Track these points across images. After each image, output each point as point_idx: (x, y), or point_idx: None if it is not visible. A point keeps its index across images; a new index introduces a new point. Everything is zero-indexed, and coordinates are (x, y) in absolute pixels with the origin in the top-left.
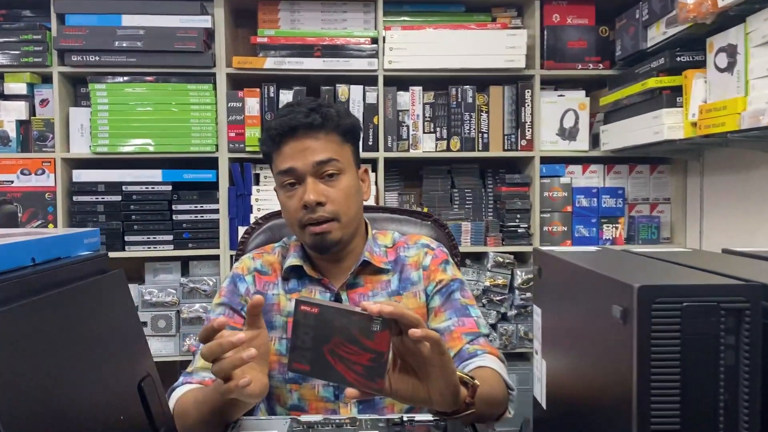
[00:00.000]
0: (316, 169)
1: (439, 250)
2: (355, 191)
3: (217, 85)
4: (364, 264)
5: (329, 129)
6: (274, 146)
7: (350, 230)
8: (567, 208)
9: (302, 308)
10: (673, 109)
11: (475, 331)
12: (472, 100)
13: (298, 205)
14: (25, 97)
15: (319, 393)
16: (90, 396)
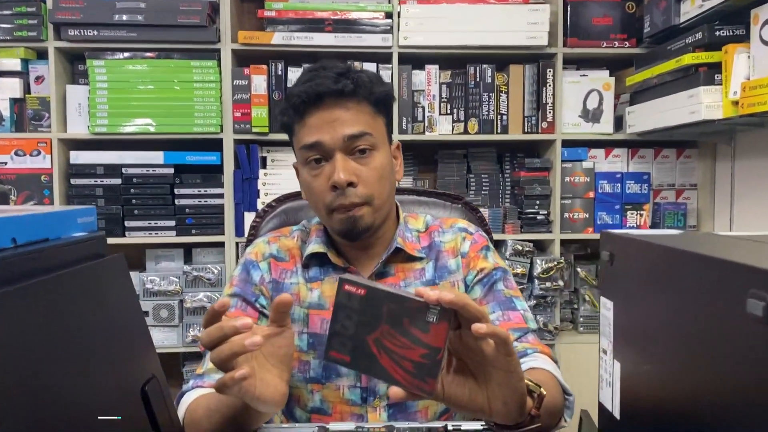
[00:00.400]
0: (347, 144)
1: (478, 234)
2: (388, 170)
3: (222, 62)
4: (396, 251)
5: (361, 97)
6: (296, 116)
7: (382, 214)
8: (589, 194)
9: (346, 288)
10: (712, 86)
11: (523, 327)
12: (491, 79)
13: (326, 186)
14: (19, 74)
15: (345, 395)
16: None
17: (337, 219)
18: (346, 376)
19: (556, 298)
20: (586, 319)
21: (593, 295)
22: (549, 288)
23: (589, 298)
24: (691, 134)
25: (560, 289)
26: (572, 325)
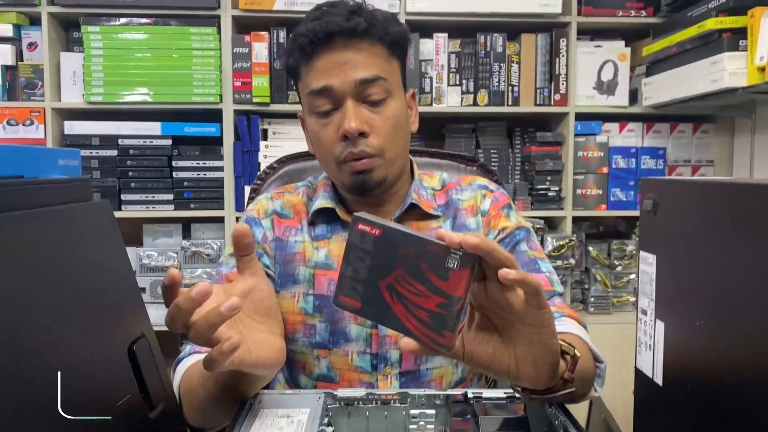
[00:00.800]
0: (359, 90)
1: (500, 192)
2: (403, 120)
3: (222, 29)
4: (410, 208)
5: (375, 38)
6: (303, 58)
7: (396, 168)
8: (603, 169)
9: (360, 227)
10: (736, 53)
11: (549, 290)
12: (502, 49)
13: (335, 136)
14: (11, 40)
15: (353, 362)
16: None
17: (347, 172)
18: (355, 341)
19: (567, 278)
20: (598, 299)
21: (605, 275)
22: (559, 267)
23: (601, 278)
24: (709, 107)
25: (571, 268)
26: (583, 305)
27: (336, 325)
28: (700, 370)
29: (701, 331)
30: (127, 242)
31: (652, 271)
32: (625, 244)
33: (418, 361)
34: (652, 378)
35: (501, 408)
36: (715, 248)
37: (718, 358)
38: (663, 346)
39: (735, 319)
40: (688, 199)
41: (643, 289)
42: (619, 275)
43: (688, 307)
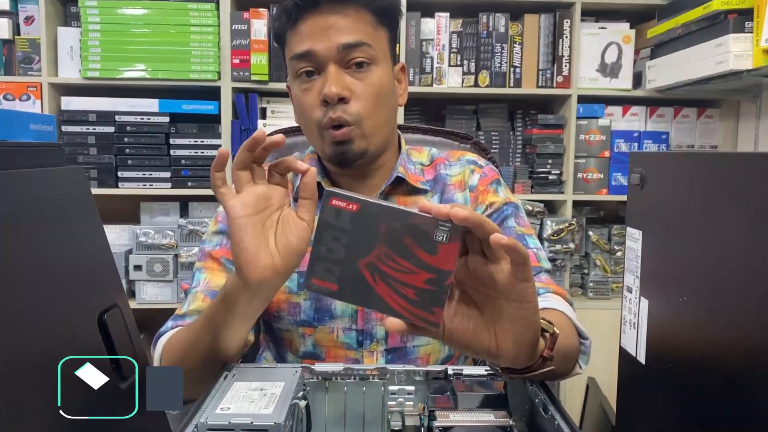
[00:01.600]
0: (342, 55)
1: (489, 168)
2: (388, 90)
3: (221, 5)
4: (397, 182)
5: (361, 3)
6: (289, 23)
7: (378, 139)
8: (604, 153)
9: (334, 203)
10: (741, 34)
11: (536, 266)
12: (505, 29)
13: (316, 101)
14: (7, 14)
15: (339, 338)
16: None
17: (328, 140)
18: (340, 318)
19: (566, 262)
20: (597, 284)
21: (605, 260)
22: (559, 251)
23: (601, 263)
24: (714, 91)
25: (570, 253)
26: (582, 290)
27: (321, 302)
28: (682, 348)
29: (684, 307)
30: (125, 220)
31: (638, 247)
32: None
33: (404, 338)
34: (635, 356)
35: (481, 385)
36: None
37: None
38: (647, 323)
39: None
40: (675, 172)
41: (629, 266)
42: (619, 260)
43: (671, 283)
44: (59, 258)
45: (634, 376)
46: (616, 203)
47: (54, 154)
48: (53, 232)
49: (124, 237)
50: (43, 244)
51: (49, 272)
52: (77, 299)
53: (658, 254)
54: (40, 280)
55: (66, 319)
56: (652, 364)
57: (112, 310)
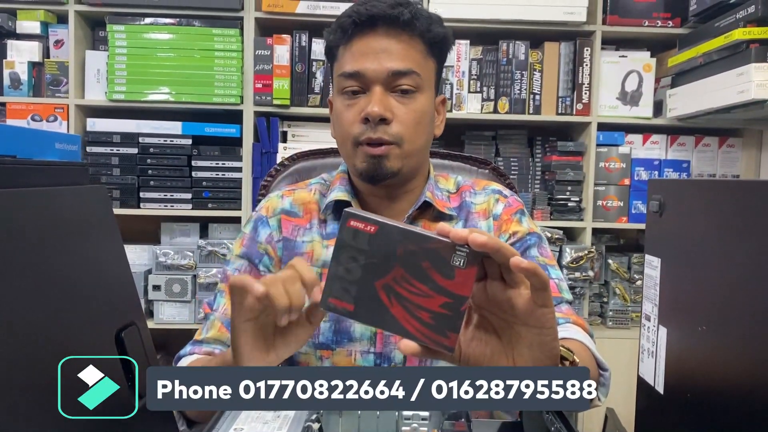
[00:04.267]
0: (390, 80)
1: (513, 198)
2: (428, 118)
3: (245, 31)
4: (424, 207)
5: (416, 32)
6: (342, 38)
7: (412, 163)
8: (624, 181)
9: (352, 224)
10: (764, 64)
11: (556, 296)
12: (525, 57)
13: (357, 118)
14: (38, 38)
15: (357, 361)
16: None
17: (362, 154)
18: (358, 341)
19: (585, 290)
20: (616, 313)
21: (624, 289)
22: (578, 278)
23: (620, 291)
24: (735, 120)
25: (590, 281)
26: (601, 319)
27: (340, 324)
28: (702, 379)
29: (703, 337)
30: (145, 240)
31: (657, 275)
32: None
33: (423, 362)
34: (654, 386)
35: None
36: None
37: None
38: (665, 352)
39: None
40: (695, 200)
41: (647, 294)
42: (639, 289)
43: (691, 312)
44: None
45: (652, 406)
46: (636, 231)
47: (78, 173)
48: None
49: (144, 257)
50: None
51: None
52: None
53: (677, 282)
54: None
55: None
56: (671, 394)
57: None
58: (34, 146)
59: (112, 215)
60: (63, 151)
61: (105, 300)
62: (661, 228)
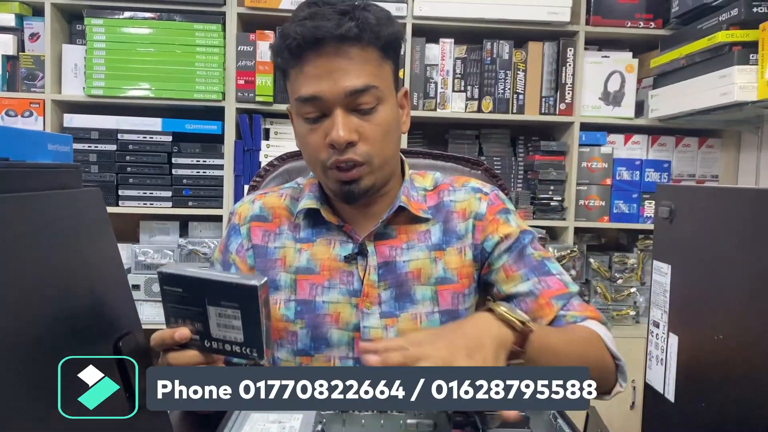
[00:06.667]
0: (349, 100)
1: (494, 194)
2: (394, 125)
3: (227, 26)
4: (399, 210)
5: (366, 43)
6: (292, 60)
7: (384, 173)
8: (606, 180)
9: None
10: (746, 66)
11: (564, 293)
12: (509, 56)
13: (323, 143)
14: (13, 30)
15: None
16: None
17: (333, 178)
18: (336, 347)
19: None
20: None
21: (605, 288)
22: None
23: (601, 290)
24: (716, 121)
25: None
26: None
27: (317, 330)
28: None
29: (720, 345)
30: (124, 238)
31: (667, 281)
32: (626, 257)
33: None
34: (663, 393)
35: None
36: (737, 258)
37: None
38: (676, 360)
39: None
40: (708, 207)
41: (655, 300)
42: (620, 288)
43: (706, 320)
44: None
45: (661, 413)
46: (616, 231)
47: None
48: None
49: (123, 256)
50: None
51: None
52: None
53: (689, 289)
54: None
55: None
56: (682, 402)
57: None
58: (27, 147)
59: (106, 217)
60: (56, 152)
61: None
62: (671, 234)
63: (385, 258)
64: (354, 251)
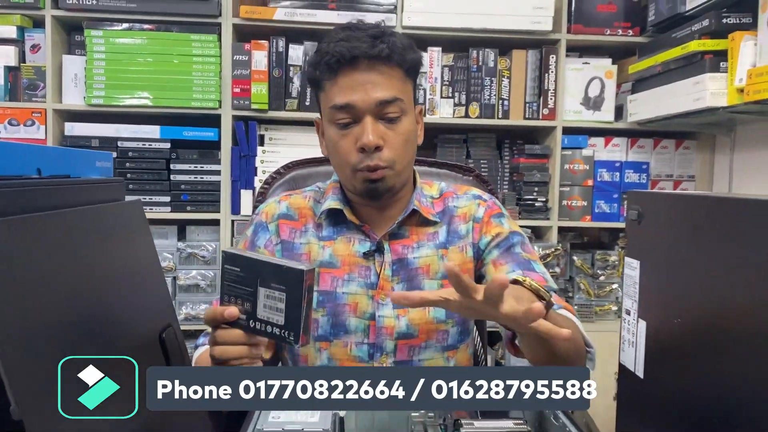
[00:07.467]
0: (378, 109)
1: (492, 202)
2: (414, 135)
3: (222, 37)
4: (411, 213)
5: (394, 63)
6: (329, 74)
7: (403, 178)
8: (588, 182)
9: None
10: (717, 74)
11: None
12: (494, 64)
13: (353, 147)
14: (14, 42)
15: (352, 352)
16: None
17: (360, 179)
18: (353, 333)
19: None
20: (581, 307)
21: (588, 284)
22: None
23: (584, 286)
24: (691, 125)
25: (556, 277)
26: None
27: (337, 318)
28: (678, 364)
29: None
30: None
31: (636, 275)
32: (608, 255)
33: (411, 352)
34: (634, 371)
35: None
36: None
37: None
38: (644, 342)
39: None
40: (670, 211)
41: (627, 291)
42: (602, 284)
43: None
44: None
45: (633, 389)
46: (598, 230)
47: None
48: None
49: None
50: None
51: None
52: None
53: (655, 282)
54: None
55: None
56: (649, 378)
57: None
58: (82, 165)
59: (146, 225)
60: (102, 168)
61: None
62: (639, 235)
63: (398, 255)
64: (372, 248)
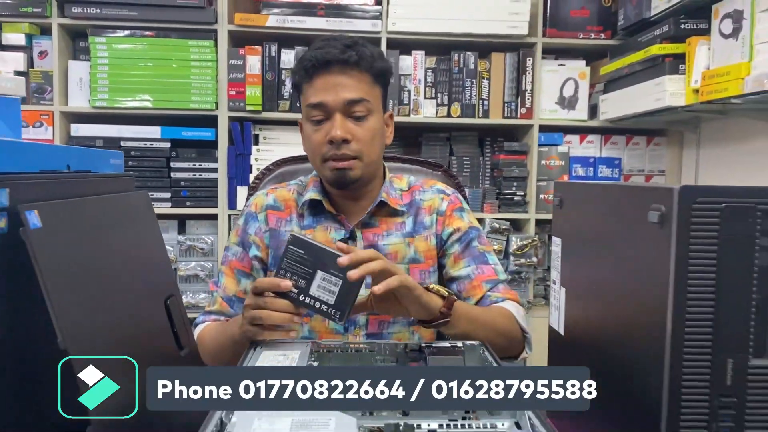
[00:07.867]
0: (346, 108)
1: (454, 196)
2: (380, 133)
3: (218, 42)
4: (381, 205)
5: (363, 68)
6: (306, 77)
7: (370, 170)
8: (563, 177)
9: None
10: (676, 76)
11: (494, 279)
12: (474, 66)
13: (323, 140)
14: (23, 49)
15: (330, 325)
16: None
17: (328, 168)
18: None
19: (530, 275)
20: None
21: None
22: (523, 264)
23: None
24: (658, 122)
25: (534, 266)
26: (545, 300)
27: None
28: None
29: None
30: None
31: (559, 251)
32: None
33: (381, 326)
34: (558, 330)
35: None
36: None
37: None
38: (564, 305)
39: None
40: (582, 198)
41: (553, 264)
42: None
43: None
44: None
45: (557, 344)
46: None
47: (128, 181)
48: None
49: None
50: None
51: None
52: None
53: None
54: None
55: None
56: (568, 335)
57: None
58: (99, 162)
59: (152, 213)
60: (115, 165)
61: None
62: (561, 218)
63: (369, 242)
64: (346, 236)
